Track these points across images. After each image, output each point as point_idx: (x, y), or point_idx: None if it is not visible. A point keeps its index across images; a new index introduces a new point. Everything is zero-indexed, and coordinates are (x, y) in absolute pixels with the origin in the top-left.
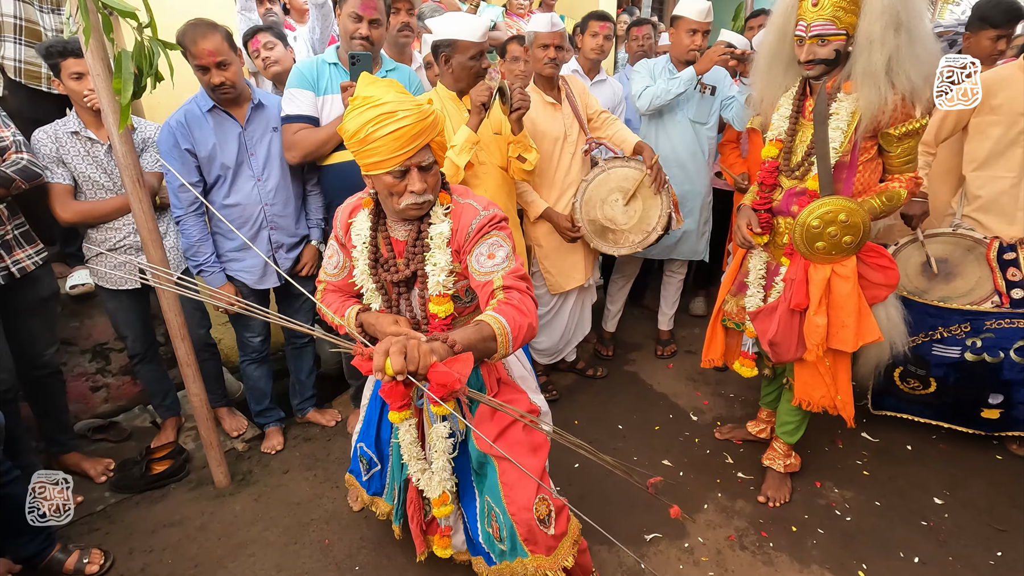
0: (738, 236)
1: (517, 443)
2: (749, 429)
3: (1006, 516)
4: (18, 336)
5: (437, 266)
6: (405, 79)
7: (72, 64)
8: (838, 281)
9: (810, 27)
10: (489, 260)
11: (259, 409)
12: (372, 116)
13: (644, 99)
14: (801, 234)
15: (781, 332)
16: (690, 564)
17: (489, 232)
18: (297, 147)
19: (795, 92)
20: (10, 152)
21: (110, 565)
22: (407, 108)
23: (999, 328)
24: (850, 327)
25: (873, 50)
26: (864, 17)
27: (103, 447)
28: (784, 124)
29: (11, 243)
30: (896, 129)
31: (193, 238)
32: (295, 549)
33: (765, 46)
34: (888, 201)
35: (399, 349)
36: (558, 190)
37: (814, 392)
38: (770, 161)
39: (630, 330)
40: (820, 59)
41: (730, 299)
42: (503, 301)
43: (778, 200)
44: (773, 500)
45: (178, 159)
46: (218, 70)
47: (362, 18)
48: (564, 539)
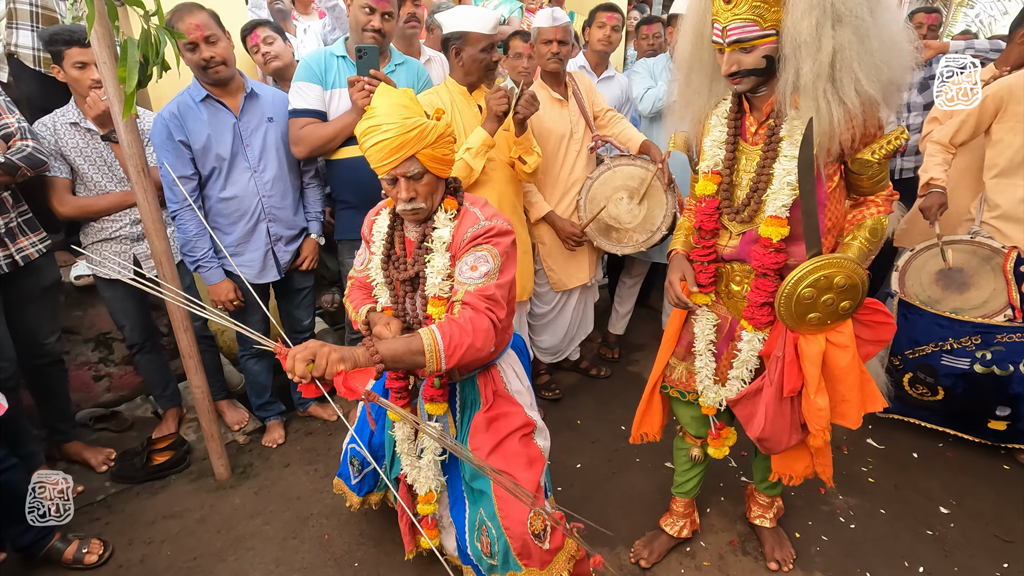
0: (669, 294)
1: (514, 455)
2: (667, 531)
3: (1013, 527)
4: (20, 324)
5: (435, 269)
6: (413, 73)
7: (76, 53)
8: (835, 352)
9: (726, 31)
10: (470, 272)
11: (260, 403)
12: (364, 127)
13: (647, 102)
14: (788, 306)
15: (771, 424)
16: (692, 568)
17: (481, 244)
18: (304, 142)
19: (728, 109)
20: (15, 139)
21: (109, 555)
22: (391, 122)
23: (1010, 342)
24: (852, 401)
25: (803, 57)
26: (789, 13)
27: (104, 437)
28: (719, 152)
29: (15, 231)
30: (873, 153)
31: (190, 233)
32: (294, 544)
33: (680, 54)
34: (872, 236)
35: (306, 356)
36: (562, 187)
37: (796, 466)
38: (708, 200)
39: (634, 330)
40: (747, 70)
41: (677, 364)
42: (451, 317)
43: (731, 247)
44: (784, 562)
45: (172, 151)
46: (207, 45)
47: (375, 10)
48: (560, 553)
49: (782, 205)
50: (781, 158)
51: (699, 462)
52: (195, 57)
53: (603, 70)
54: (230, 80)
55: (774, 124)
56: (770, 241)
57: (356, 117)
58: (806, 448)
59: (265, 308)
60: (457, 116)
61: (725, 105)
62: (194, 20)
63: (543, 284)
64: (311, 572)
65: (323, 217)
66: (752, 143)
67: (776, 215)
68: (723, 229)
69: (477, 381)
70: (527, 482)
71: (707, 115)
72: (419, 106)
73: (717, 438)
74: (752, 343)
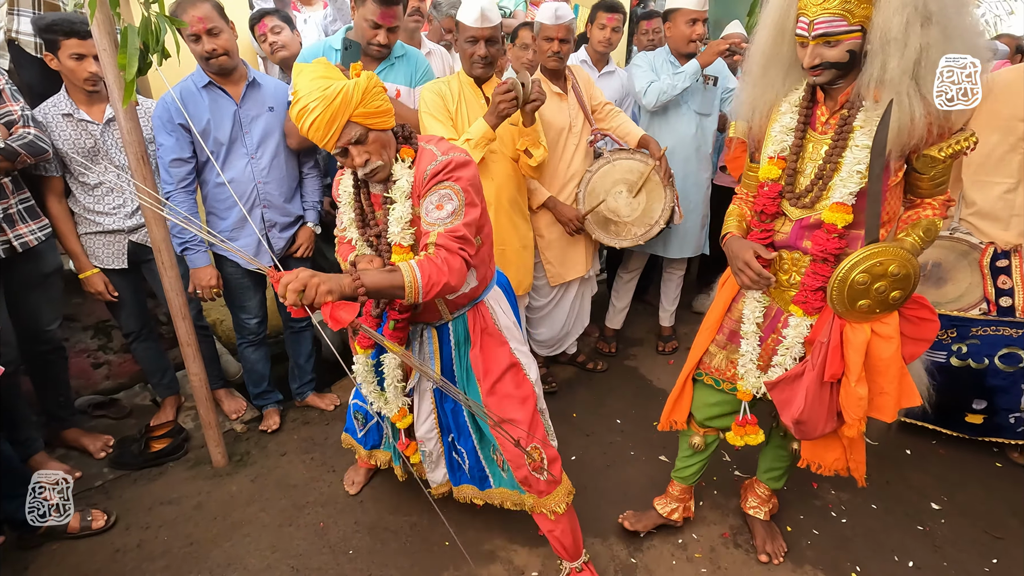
0: (744, 275)
1: (506, 396)
2: (658, 510)
3: (1003, 524)
4: (20, 311)
5: (395, 217)
6: (412, 65)
7: (74, 44)
8: (879, 343)
9: (813, 24)
10: (436, 211)
11: (257, 391)
12: (295, 112)
13: (651, 95)
14: (841, 290)
15: (809, 407)
16: (683, 560)
17: (442, 180)
18: (291, 135)
19: (801, 98)
20: (17, 126)
21: (115, 521)
22: (315, 98)
23: (984, 335)
24: (891, 394)
25: (890, 53)
26: (880, 10)
27: (103, 423)
28: (787, 138)
29: (14, 217)
30: (940, 151)
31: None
32: (290, 531)
33: (758, 46)
34: (926, 235)
35: (296, 287)
36: (561, 180)
37: (827, 455)
38: (771, 184)
39: (632, 325)
40: (830, 63)
41: (717, 352)
42: (428, 256)
43: (784, 233)
44: (775, 555)
45: (172, 134)
46: (209, 37)
47: (380, 26)
48: (559, 487)
49: (849, 192)
50: (852, 147)
51: (699, 451)
52: (198, 48)
53: (604, 65)
54: (233, 70)
55: (847, 114)
56: (834, 227)
57: None
58: (838, 439)
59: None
60: (464, 108)
61: (797, 94)
62: (197, 12)
63: (540, 277)
64: (306, 559)
65: (320, 207)
66: (821, 132)
67: (842, 201)
68: (781, 215)
69: (467, 317)
70: (521, 418)
71: (777, 104)
72: (335, 70)
73: (743, 425)
74: (799, 328)
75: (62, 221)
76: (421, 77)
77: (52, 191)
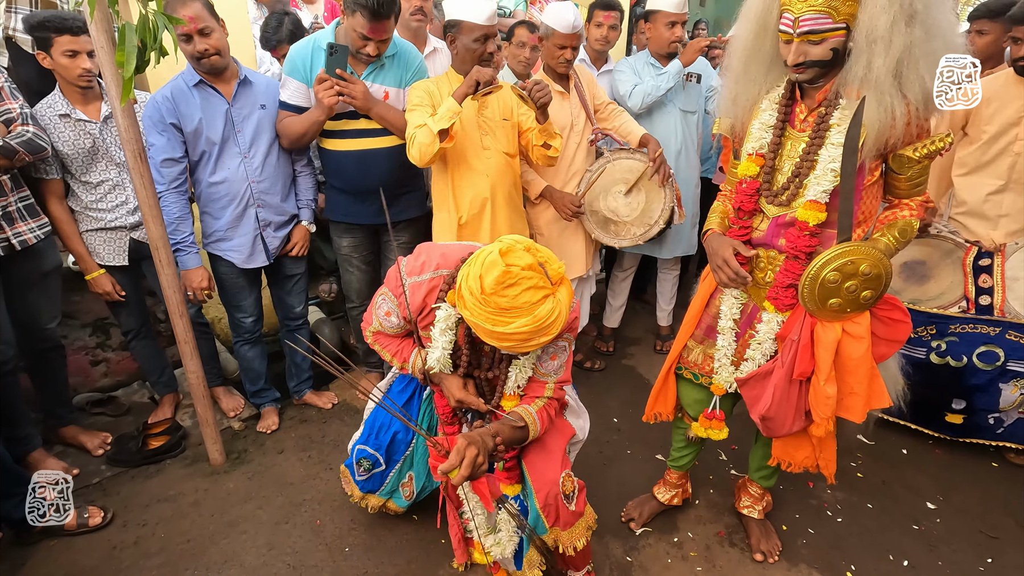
0: (722, 274)
1: (549, 430)
2: (659, 498)
3: (998, 524)
4: (20, 309)
5: (520, 370)
6: (404, 64)
7: (67, 41)
8: (850, 342)
9: (798, 21)
10: (551, 361)
11: (254, 390)
12: (518, 327)
13: (636, 98)
14: (812, 288)
15: (777, 404)
16: (678, 559)
17: (562, 332)
18: (283, 135)
19: (780, 95)
20: (16, 124)
21: (112, 518)
22: (543, 338)
23: (963, 332)
24: (860, 394)
25: (875, 52)
26: (865, 8)
27: (101, 421)
28: (766, 135)
29: (13, 215)
30: (915, 151)
31: (173, 215)
32: (287, 528)
33: (739, 41)
34: (901, 236)
35: (469, 469)
36: (562, 179)
37: (796, 453)
38: (749, 181)
39: (629, 324)
40: (813, 61)
41: (695, 346)
42: (543, 408)
43: (761, 231)
44: (769, 554)
45: (163, 133)
46: (200, 37)
47: (370, 39)
48: (581, 519)
49: (823, 190)
50: (828, 145)
51: (694, 442)
52: (189, 48)
53: (603, 63)
54: (224, 69)
55: (825, 112)
56: (806, 224)
57: (322, 115)
58: (808, 438)
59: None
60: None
61: (777, 91)
62: (187, 12)
63: None
64: (303, 556)
65: (315, 205)
66: (800, 129)
67: (816, 199)
68: (758, 212)
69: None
70: (556, 448)
71: (758, 101)
72: (542, 277)
73: (710, 419)
74: (771, 324)
75: (64, 223)
76: (412, 77)
77: (52, 193)
